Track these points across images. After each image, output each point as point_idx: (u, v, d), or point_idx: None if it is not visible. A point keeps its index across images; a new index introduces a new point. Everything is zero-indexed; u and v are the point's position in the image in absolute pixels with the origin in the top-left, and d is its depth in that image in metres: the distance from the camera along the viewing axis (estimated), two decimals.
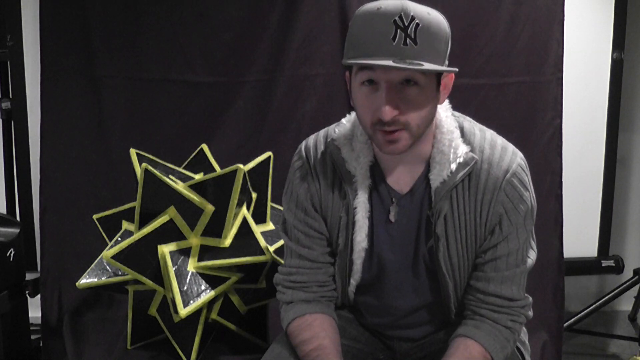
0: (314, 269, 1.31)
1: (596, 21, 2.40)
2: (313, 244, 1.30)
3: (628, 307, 2.65)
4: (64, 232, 2.16)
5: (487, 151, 1.21)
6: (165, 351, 1.82)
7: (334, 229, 1.29)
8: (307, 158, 1.31)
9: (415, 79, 1.10)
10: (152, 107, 2.17)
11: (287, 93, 2.16)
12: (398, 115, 1.10)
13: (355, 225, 1.25)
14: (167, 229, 1.67)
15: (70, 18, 2.10)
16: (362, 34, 1.09)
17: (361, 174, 1.24)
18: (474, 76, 2.15)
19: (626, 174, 2.67)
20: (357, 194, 1.24)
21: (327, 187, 1.28)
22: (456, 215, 1.22)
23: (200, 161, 1.92)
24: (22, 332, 1.97)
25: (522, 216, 1.22)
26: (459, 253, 1.24)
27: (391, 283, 1.31)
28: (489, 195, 1.20)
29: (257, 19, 2.13)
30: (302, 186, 1.30)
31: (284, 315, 1.32)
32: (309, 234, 1.30)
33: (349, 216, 1.25)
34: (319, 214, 1.29)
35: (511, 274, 1.26)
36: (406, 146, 1.15)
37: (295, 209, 1.30)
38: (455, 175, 1.19)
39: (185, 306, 1.59)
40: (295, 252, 1.31)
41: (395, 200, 1.25)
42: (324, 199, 1.28)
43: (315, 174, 1.29)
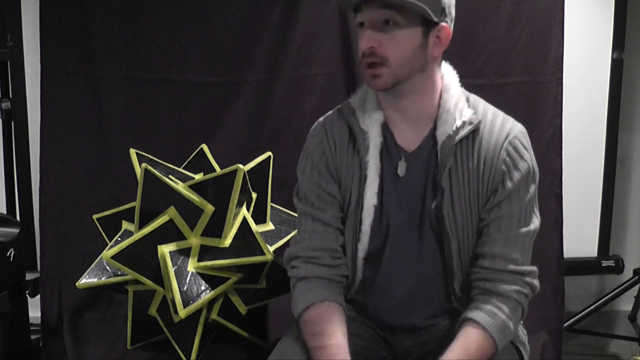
0: (326, 233, 1.35)
1: (596, 21, 2.40)
2: (326, 206, 1.36)
3: (628, 307, 2.64)
4: (64, 232, 2.16)
5: (490, 117, 1.31)
6: (165, 351, 1.82)
7: (347, 189, 1.34)
8: (324, 125, 1.38)
9: (395, 19, 1.21)
10: (152, 107, 2.17)
11: (287, 93, 2.16)
12: (376, 49, 1.22)
13: (367, 180, 1.31)
14: (167, 229, 1.67)
15: (70, 18, 2.10)
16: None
17: (373, 132, 1.31)
18: (474, 76, 2.15)
19: (626, 174, 2.67)
20: (369, 149, 1.31)
21: (341, 148, 1.35)
22: (460, 171, 1.28)
23: (200, 161, 1.92)
24: (22, 332, 1.97)
25: (524, 175, 1.28)
26: (463, 210, 1.29)
27: (398, 248, 1.34)
28: (492, 153, 1.27)
29: (257, 19, 2.13)
30: (317, 150, 1.37)
31: (298, 297, 1.34)
32: (322, 196, 1.35)
33: (361, 171, 1.32)
34: (333, 178, 1.36)
35: (515, 235, 1.29)
36: (387, 83, 1.25)
37: (310, 172, 1.37)
38: (459, 131, 1.27)
39: (185, 306, 1.59)
40: (309, 215, 1.36)
41: (403, 156, 1.31)
42: (338, 159, 1.35)
43: (330, 138, 1.36)
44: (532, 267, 1.32)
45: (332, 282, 1.35)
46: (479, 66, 2.16)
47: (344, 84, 2.17)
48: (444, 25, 1.25)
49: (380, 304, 1.40)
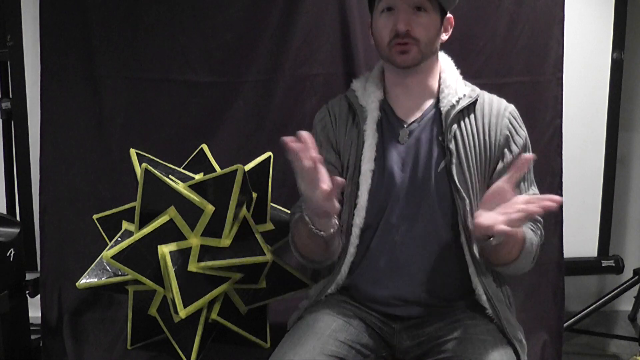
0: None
1: (596, 21, 2.40)
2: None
3: (628, 307, 2.65)
4: (64, 232, 2.16)
5: (485, 94, 1.48)
6: (165, 351, 1.82)
7: (345, 156, 1.46)
8: (327, 105, 1.56)
9: (425, 6, 1.38)
10: (152, 107, 2.16)
11: (287, 93, 2.16)
12: (410, 30, 1.37)
13: (364, 146, 1.43)
14: (167, 229, 1.67)
15: (70, 18, 2.10)
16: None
17: (371, 107, 1.45)
18: (474, 76, 2.13)
19: (626, 174, 2.67)
20: (367, 120, 1.45)
21: (340, 121, 1.50)
22: (465, 135, 1.40)
23: (200, 161, 1.92)
24: (22, 332, 1.97)
25: (524, 143, 1.44)
26: (471, 169, 1.40)
27: (399, 210, 1.40)
28: (495, 118, 1.43)
29: (257, 19, 2.13)
30: (319, 124, 1.54)
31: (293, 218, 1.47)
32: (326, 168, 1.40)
33: (359, 139, 1.44)
34: (333, 149, 1.49)
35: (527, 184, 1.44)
36: (415, 58, 1.40)
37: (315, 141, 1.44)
38: (461, 101, 1.42)
39: (185, 306, 1.59)
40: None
41: (405, 125, 1.45)
42: (338, 131, 1.50)
43: (332, 113, 1.53)
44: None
45: None
46: (479, 66, 2.16)
47: (344, 84, 2.17)
48: (450, 16, 1.47)
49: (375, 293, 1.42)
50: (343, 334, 1.38)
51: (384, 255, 1.42)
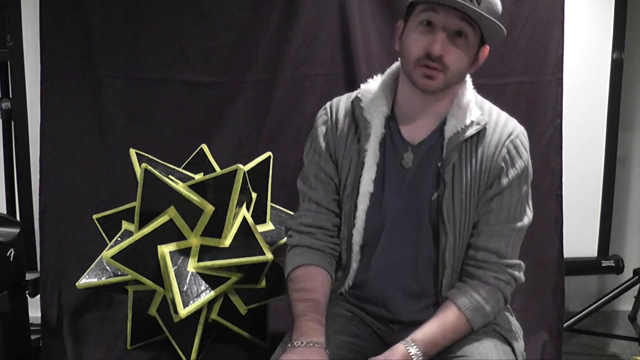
0: (318, 213, 1.41)
1: (596, 21, 2.40)
2: (319, 187, 1.41)
3: (628, 307, 2.65)
4: (64, 232, 2.16)
5: (494, 116, 1.37)
6: (165, 351, 1.82)
7: (344, 173, 1.39)
8: (331, 108, 1.45)
9: (467, 33, 1.27)
10: (152, 107, 2.16)
11: (287, 93, 2.16)
12: (444, 56, 1.25)
13: (364, 167, 1.35)
14: (167, 229, 1.67)
15: (70, 18, 2.10)
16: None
17: (376, 123, 1.36)
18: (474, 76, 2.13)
19: (626, 174, 2.67)
20: (370, 138, 1.36)
21: (344, 133, 1.40)
22: (463, 167, 1.33)
23: (200, 161, 1.92)
24: (22, 332, 1.97)
25: (519, 173, 1.34)
26: (462, 205, 1.33)
27: (394, 236, 1.37)
28: (493, 150, 1.33)
29: (257, 19, 2.13)
30: (321, 131, 1.44)
31: (290, 260, 1.42)
32: (319, 176, 1.41)
33: (359, 158, 1.36)
34: (331, 159, 1.41)
35: (500, 229, 1.34)
36: (438, 87, 1.29)
37: (313, 152, 1.43)
38: (467, 129, 1.33)
39: (185, 306, 1.58)
40: (306, 195, 1.43)
41: (410, 148, 1.36)
42: (339, 143, 1.41)
43: (335, 120, 1.42)
44: (516, 261, 1.36)
45: (324, 252, 1.42)
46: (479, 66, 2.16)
47: (344, 84, 2.17)
48: (487, 46, 1.36)
49: (376, 294, 1.42)
50: (344, 335, 1.38)
51: (385, 273, 1.41)
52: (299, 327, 1.31)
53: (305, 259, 1.40)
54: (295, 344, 1.27)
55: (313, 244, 1.41)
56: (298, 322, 1.32)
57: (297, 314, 1.33)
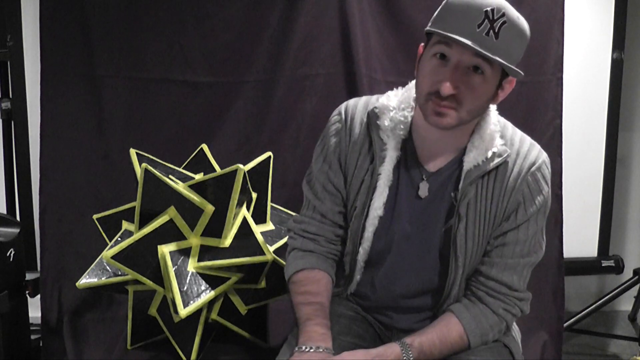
0: (323, 223, 1.39)
1: (596, 21, 2.40)
2: (326, 198, 1.38)
3: (628, 307, 2.65)
4: (64, 232, 2.15)
5: (517, 144, 1.30)
6: (165, 351, 1.82)
7: (353, 191, 1.35)
8: (346, 116, 1.36)
9: (483, 68, 1.17)
10: (152, 107, 2.16)
11: (287, 93, 2.16)
12: (456, 94, 1.17)
13: (376, 191, 1.31)
14: (167, 229, 1.67)
15: (70, 18, 2.10)
16: (455, 11, 1.16)
17: (392, 145, 1.30)
18: None
19: (626, 174, 2.67)
20: (385, 162, 1.30)
21: (357, 148, 1.34)
22: (480, 200, 1.28)
23: (200, 161, 1.92)
24: (22, 332, 1.97)
25: (537, 208, 1.29)
26: (475, 238, 1.28)
27: (400, 259, 1.35)
28: (513, 183, 1.27)
29: (257, 19, 2.13)
30: (333, 140, 1.37)
31: (292, 261, 1.39)
32: (327, 187, 1.37)
33: (372, 181, 1.31)
34: (342, 171, 1.37)
35: (515, 262, 1.31)
36: (450, 124, 1.21)
37: (322, 161, 1.38)
38: (488, 162, 1.26)
39: (185, 306, 1.58)
40: (311, 203, 1.40)
41: (425, 177, 1.31)
42: (350, 157, 1.35)
43: (349, 132, 1.35)
44: (526, 294, 1.36)
45: (327, 257, 1.40)
46: None
47: (344, 84, 2.17)
48: (512, 78, 1.25)
49: (377, 305, 1.43)
50: (347, 336, 1.38)
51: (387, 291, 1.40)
52: (306, 331, 1.29)
53: (308, 262, 1.39)
54: (304, 349, 1.26)
55: (316, 249, 1.40)
56: (305, 327, 1.30)
57: (303, 318, 1.32)
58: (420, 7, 2.16)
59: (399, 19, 2.18)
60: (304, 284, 1.36)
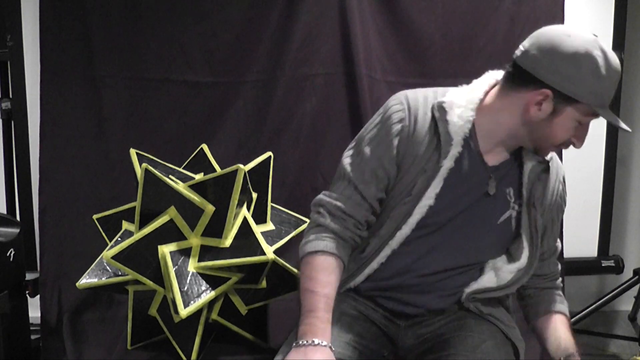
0: (360, 206, 1.38)
1: (596, 21, 2.40)
2: (373, 183, 1.37)
3: (628, 307, 2.64)
4: (64, 232, 2.16)
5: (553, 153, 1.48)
6: (165, 351, 1.82)
7: (408, 178, 1.36)
8: (408, 106, 1.37)
9: None
10: (152, 107, 2.17)
11: (287, 93, 2.16)
12: None
13: (434, 181, 1.33)
14: (167, 229, 1.67)
15: (70, 18, 2.10)
16: (609, 86, 1.32)
17: (457, 140, 1.34)
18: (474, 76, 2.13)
19: (626, 174, 2.67)
20: (448, 155, 1.33)
21: (420, 138, 1.35)
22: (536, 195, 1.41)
23: (200, 161, 1.92)
24: (22, 332, 1.97)
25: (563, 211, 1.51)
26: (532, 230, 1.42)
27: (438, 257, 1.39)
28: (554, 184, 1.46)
29: (257, 19, 2.13)
30: (396, 127, 1.36)
31: (312, 239, 1.37)
32: (377, 172, 1.36)
33: (433, 171, 1.34)
34: (396, 160, 1.36)
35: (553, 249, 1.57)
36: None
37: (377, 145, 1.37)
38: (544, 162, 1.41)
39: (185, 306, 1.59)
40: (353, 183, 1.38)
41: (492, 175, 1.37)
42: (411, 146, 1.35)
43: (413, 121, 1.36)
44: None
45: (346, 242, 1.39)
46: (479, 66, 2.14)
47: (344, 84, 2.17)
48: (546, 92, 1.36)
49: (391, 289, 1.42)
50: (346, 336, 1.37)
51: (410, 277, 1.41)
52: (306, 323, 1.29)
53: (329, 245, 1.36)
54: (301, 343, 1.26)
55: (341, 232, 1.38)
56: (306, 318, 1.30)
57: (306, 308, 1.31)
58: (420, 7, 2.16)
59: (399, 19, 2.18)
60: (316, 269, 1.34)
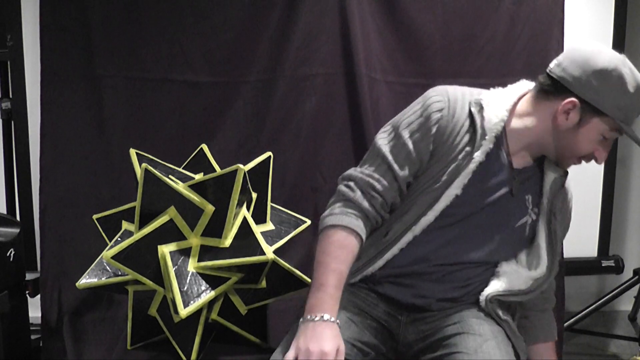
0: (391, 187, 1.40)
1: (596, 21, 2.40)
2: (407, 166, 1.41)
3: (628, 307, 2.65)
4: (64, 232, 2.15)
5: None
6: (165, 351, 1.82)
7: (439, 166, 1.40)
8: (448, 97, 1.42)
9: None
10: (152, 107, 2.16)
11: (287, 93, 2.16)
12: None
13: (463, 172, 1.38)
14: (167, 229, 1.67)
15: (70, 18, 2.10)
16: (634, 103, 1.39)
17: (490, 137, 1.39)
18: (474, 76, 2.15)
19: (626, 174, 2.67)
20: (480, 149, 1.39)
21: (457, 129, 1.40)
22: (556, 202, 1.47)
23: (200, 161, 1.92)
24: (22, 332, 1.97)
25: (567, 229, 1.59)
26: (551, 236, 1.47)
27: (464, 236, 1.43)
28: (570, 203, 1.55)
29: (257, 19, 2.13)
30: (435, 115, 1.40)
31: (337, 212, 1.39)
32: (411, 156, 1.40)
33: (464, 162, 1.39)
34: (430, 148, 1.40)
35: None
36: None
37: (416, 130, 1.40)
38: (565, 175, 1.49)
39: (185, 306, 1.58)
40: (387, 162, 1.40)
41: (516, 177, 1.43)
42: (448, 136, 1.40)
43: (452, 112, 1.41)
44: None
45: (369, 222, 1.41)
46: (479, 66, 2.16)
47: (344, 84, 2.17)
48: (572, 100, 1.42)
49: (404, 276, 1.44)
50: (345, 332, 1.38)
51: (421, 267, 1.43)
52: (316, 297, 1.31)
53: (353, 222, 1.38)
54: (309, 318, 1.28)
55: (368, 210, 1.39)
56: (316, 292, 1.32)
57: (318, 281, 1.33)
58: (420, 7, 2.16)
59: (399, 19, 2.18)
60: (335, 245, 1.36)
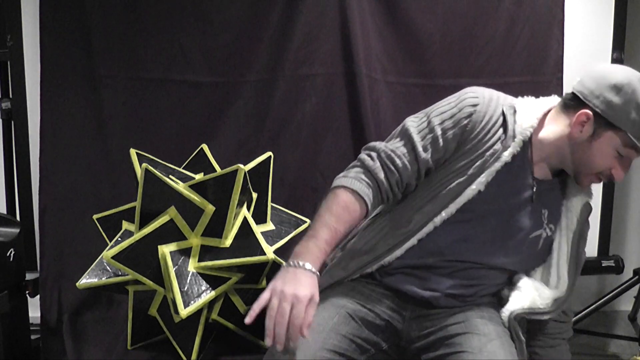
0: (410, 166, 1.41)
1: (596, 21, 2.40)
2: (432, 152, 1.41)
3: (628, 307, 2.64)
4: (64, 232, 2.16)
5: None
6: (165, 351, 1.82)
7: (466, 159, 1.41)
8: (484, 97, 1.44)
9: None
10: (152, 107, 2.16)
11: (287, 93, 2.16)
12: None
13: (489, 169, 1.39)
14: (168, 229, 1.67)
15: (70, 18, 2.10)
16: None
17: (519, 140, 1.41)
18: (474, 76, 2.15)
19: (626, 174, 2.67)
20: (507, 150, 1.40)
21: (488, 127, 1.42)
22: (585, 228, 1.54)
23: (200, 161, 1.92)
24: (22, 332, 1.97)
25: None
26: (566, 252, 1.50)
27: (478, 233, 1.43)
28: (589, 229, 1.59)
29: (257, 19, 2.13)
30: (468, 109, 1.41)
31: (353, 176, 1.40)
32: (437, 142, 1.41)
33: (490, 160, 1.40)
34: (459, 138, 1.41)
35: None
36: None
37: (447, 117, 1.41)
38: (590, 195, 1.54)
39: (185, 306, 1.59)
40: (412, 143, 1.41)
41: (536, 186, 1.44)
42: (478, 132, 1.41)
43: (485, 110, 1.42)
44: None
45: (380, 194, 1.41)
46: (479, 66, 2.16)
47: (344, 84, 2.17)
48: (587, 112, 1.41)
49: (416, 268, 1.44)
50: (345, 328, 1.38)
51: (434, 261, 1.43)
52: (304, 245, 1.31)
53: (364, 189, 1.38)
54: (292, 263, 1.28)
55: (381, 181, 1.40)
56: (307, 241, 1.31)
57: (311, 232, 1.33)
58: (420, 7, 2.16)
59: (399, 18, 2.18)
60: (340, 205, 1.36)
